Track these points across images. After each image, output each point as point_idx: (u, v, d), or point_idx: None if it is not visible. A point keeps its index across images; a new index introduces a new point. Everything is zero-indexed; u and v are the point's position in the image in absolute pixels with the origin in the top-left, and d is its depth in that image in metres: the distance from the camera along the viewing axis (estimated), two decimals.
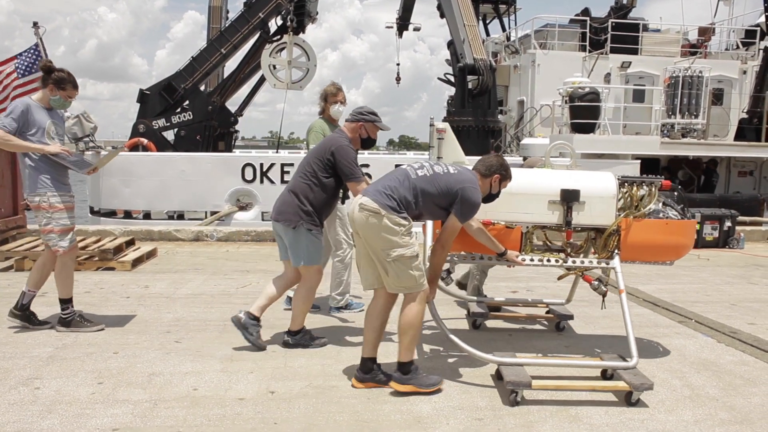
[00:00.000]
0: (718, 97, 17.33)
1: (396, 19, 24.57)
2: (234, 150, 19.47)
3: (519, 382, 3.58)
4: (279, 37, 17.11)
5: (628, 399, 3.68)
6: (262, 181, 11.27)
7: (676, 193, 4.53)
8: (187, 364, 4.15)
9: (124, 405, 3.46)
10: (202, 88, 18.54)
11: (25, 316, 4.83)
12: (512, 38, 21.18)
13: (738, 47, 19.95)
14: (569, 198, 4.14)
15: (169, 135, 17.26)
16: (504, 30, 23.31)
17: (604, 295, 4.45)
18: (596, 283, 4.46)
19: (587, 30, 17.98)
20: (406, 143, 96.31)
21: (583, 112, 13.26)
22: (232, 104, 19.51)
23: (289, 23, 16.57)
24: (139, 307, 5.59)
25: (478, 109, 15.03)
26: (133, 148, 15.14)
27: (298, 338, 4.57)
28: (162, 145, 16.09)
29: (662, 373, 4.24)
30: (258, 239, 9.60)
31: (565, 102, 13.72)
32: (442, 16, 17.14)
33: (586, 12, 19.10)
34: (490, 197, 3.92)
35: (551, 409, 3.57)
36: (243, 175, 11.19)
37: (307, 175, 4.42)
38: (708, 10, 22.45)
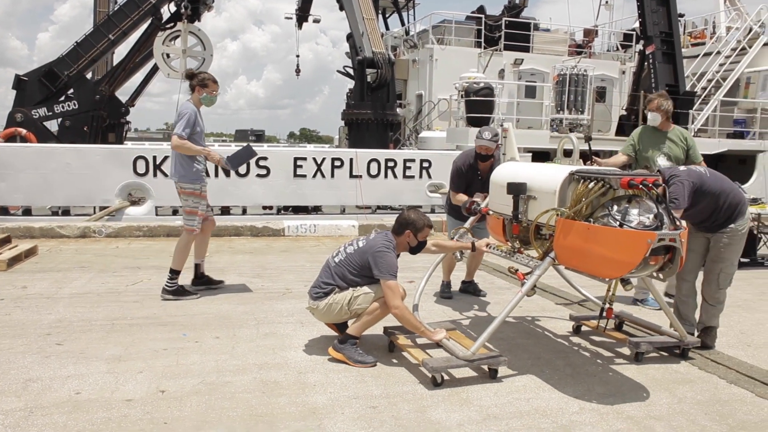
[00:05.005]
0: (601, 94, 18.47)
1: (296, 10, 24.31)
2: (126, 142, 18.52)
3: (388, 330, 4.47)
4: (173, 24, 16.43)
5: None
6: (155, 175, 10.74)
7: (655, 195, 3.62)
8: (69, 367, 3.91)
9: None
10: (90, 75, 17.51)
11: (204, 281, 6.04)
12: (411, 33, 21.53)
13: (618, 49, 21.36)
14: (514, 191, 4.14)
15: (53, 125, 16.16)
16: (403, 24, 23.69)
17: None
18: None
19: (482, 27, 18.60)
20: (307, 136, 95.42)
21: (478, 106, 13.67)
22: (124, 93, 18.55)
23: (183, 10, 15.94)
24: (15, 309, 5.21)
25: (377, 102, 15.15)
26: (10, 138, 14.03)
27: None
28: (44, 136, 15.02)
29: (548, 353, 4.49)
30: (151, 234, 9.21)
31: (461, 96, 14.09)
32: (341, 8, 17.13)
33: (481, 10, 19.76)
34: (417, 247, 4.35)
35: (444, 393, 3.68)
36: (135, 168, 10.63)
37: None
38: (592, 14, 23.82)
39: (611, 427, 3.33)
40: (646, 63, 16.00)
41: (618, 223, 3.54)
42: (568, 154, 4.93)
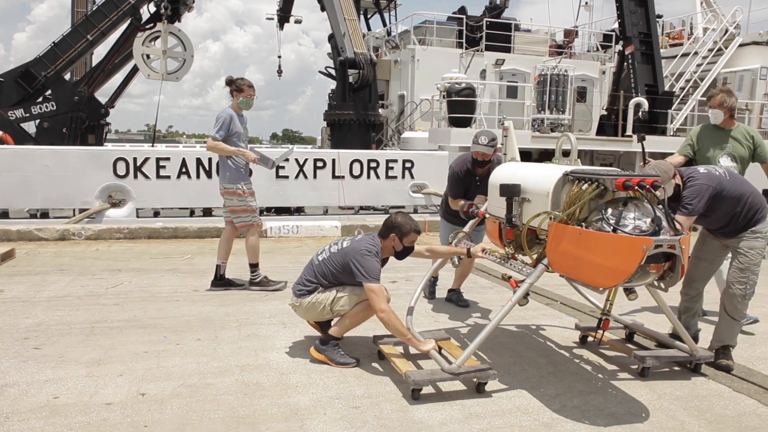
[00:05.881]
0: (581, 94, 18.65)
1: (277, 10, 24.19)
2: (106, 144, 18.32)
3: (377, 338, 4.32)
4: (152, 25, 16.29)
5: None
6: (136, 176, 10.65)
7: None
8: (47, 371, 3.86)
9: None
10: (68, 76, 17.29)
11: (224, 283, 6.16)
12: (392, 33, 21.57)
13: (598, 49, 21.58)
14: (507, 193, 3.89)
15: (30, 127, 15.93)
16: (385, 25, 23.71)
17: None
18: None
19: (464, 28, 18.68)
20: (290, 137, 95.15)
21: (460, 106, 13.72)
22: (103, 95, 18.34)
23: (163, 11, 15.82)
24: None
25: (359, 103, 15.13)
26: None
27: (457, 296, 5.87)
28: (21, 138, 14.81)
29: (529, 352, 4.52)
30: (131, 236, 9.11)
31: (443, 97, 14.13)
32: (323, 9, 17.09)
33: (462, 10, 19.85)
34: (403, 252, 4.24)
35: (425, 394, 3.67)
36: (115, 170, 10.52)
37: None
38: (572, 14, 24.05)
39: (592, 423, 3.35)
40: (625, 63, 16.18)
41: (611, 227, 3.27)
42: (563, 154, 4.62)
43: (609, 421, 3.38)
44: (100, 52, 17.71)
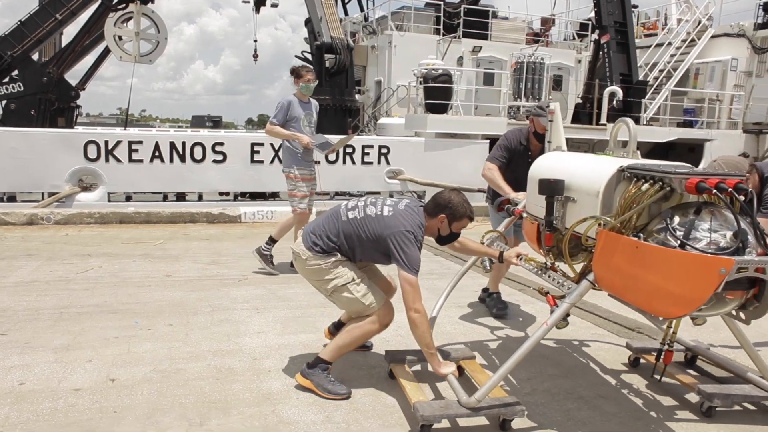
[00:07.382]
0: (557, 83, 18.79)
1: None
2: (77, 127, 17.94)
3: (390, 355, 3.75)
4: (125, 5, 15.93)
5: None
6: (107, 160, 10.46)
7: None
8: (13, 357, 3.79)
9: None
10: (36, 57, 16.84)
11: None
12: (370, 19, 21.42)
13: (574, 38, 21.71)
14: (547, 191, 3.25)
15: None
16: (362, 10, 23.53)
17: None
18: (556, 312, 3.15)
19: (441, 14, 18.64)
20: (266, 122, 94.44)
21: (437, 93, 13.68)
22: (74, 77, 17.92)
23: None
24: None
25: (336, 88, 15.04)
26: None
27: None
28: None
29: (499, 335, 4.56)
30: (102, 221, 8.96)
31: (420, 83, 14.09)
32: None
33: None
34: (448, 237, 3.58)
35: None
36: (86, 153, 10.31)
37: None
38: (549, 3, 24.14)
39: (562, 407, 3.40)
40: (601, 52, 16.29)
41: (678, 241, 2.54)
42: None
43: (578, 404, 3.43)
44: (70, 32, 17.26)
